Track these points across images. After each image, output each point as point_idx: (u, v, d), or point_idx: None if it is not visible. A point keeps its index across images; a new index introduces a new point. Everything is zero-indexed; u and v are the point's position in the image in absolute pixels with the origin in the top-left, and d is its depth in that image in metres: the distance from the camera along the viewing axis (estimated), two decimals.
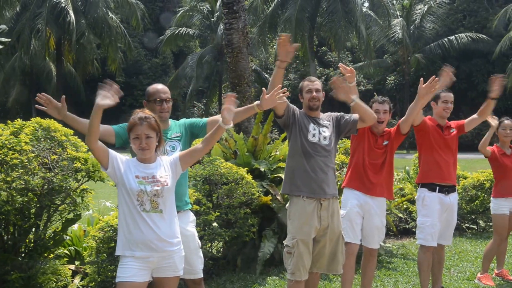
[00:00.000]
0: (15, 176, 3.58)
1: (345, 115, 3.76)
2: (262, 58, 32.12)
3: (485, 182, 7.37)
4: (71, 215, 4.14)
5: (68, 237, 4.93)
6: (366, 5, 30.55)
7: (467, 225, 7.67)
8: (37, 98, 3.01)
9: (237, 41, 8.10)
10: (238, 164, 5.51)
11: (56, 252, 4.37)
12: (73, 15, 24.08)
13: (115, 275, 2.86)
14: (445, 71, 3.94)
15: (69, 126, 3.32)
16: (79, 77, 29.17)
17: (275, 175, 5.66)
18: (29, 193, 3.71)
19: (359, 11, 24.93)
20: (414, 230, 4.53)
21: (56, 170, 3.80)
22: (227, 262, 5.36)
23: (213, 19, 28.96)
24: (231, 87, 8.42)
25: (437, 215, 4.29)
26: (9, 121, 4.00)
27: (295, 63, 33.54)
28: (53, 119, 3.64)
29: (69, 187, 3.84)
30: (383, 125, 4.20)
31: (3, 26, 15.83)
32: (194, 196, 4.68)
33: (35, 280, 3.90)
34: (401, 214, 6.94)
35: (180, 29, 28.82)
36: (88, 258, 4.29)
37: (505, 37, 24.96)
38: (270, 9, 26.10)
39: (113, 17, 27.02)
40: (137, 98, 32.04)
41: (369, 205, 4.12)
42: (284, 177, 3.72)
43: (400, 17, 31.37)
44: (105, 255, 4.11)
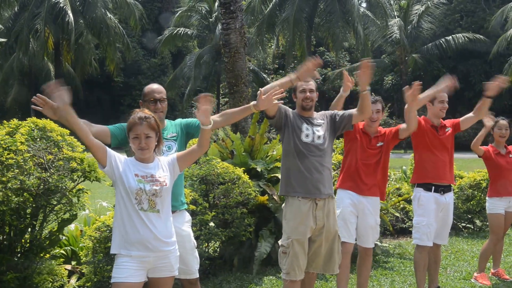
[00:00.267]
0: (11, 176, 3.57)
1: (339, 112, 3.76)
2: (260, 58, 32.13)
3: (481, 181, 7.38)
4: (67, 215, 4.13)
5: (64, 237, 4.93)
6: (364, 5, 30.58)
7: (464, 225, 7.68)
8: (33, 99, 3.02)
9: (235, 41, 8.11)
10: (235, 164, 5.51)
11: (52, 252, 4.37)
12: (71, 15, 24.06)
13: (111, 275, 2.86)
14: (448, 80, 4.07)
15: (65, 126, 3.33)
16: (77, 77, 29.14)
17: (272, 175, 5.66)
18: (24, 193, 3.70)
19: (356, 12, 24.94)
20: (410, 229, 4.53)
21: (52, 170, 3.80)
22: (223, 262, 5.36)
23: (211, 20, 28.92)
24: (228, 87, 8.43)
25: (433, 215, 4.30)
26: (5, 121, 3.99)
27: (293, 63, 33.51)
28: (49, 119, 3.63)
29: (65, 187, 3.83)
30: (376, 124, 4.21)
31: None
32: (190, 196, 4.67)
33: (31, 280, 3.90)
34: (398, 213, 6.95)
35: (178, 29, 28.78)
36: (84, 258, 4.29)
37: (502, 37, 24.98)
38: (268, 9, 26.10)
39: (112, 17, 27.00)
40: (136, 98, 32.05)
41: (363, 204, 4.13)
42: (280, 178, 3.72)
43: (397, 17, 31.40)
44: (101, 255, 4.11)
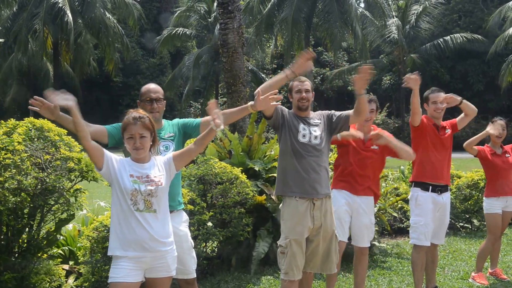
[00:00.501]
0: (8, 176, 3.56)
1: (336, 112, 3.76)
2: (258, 58, 32.14)
3: (479, 181, 7.39)
4: (65, 215, 4.12)
5: (62, 237, 4.93)
6: (362, 5, 30.60)
7: (461, 224, 7.69)
8: (31, 101, 3.04)
9: (232, 41, 8.11)
10: (232, 163, 5.51)
11: (50, 252, 4.35)
12: (70, 15, 24.06)
13: (109, 275, 2.86)
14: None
15: (63, 126, 3.33)
16: (76, 77, 29.13)
17: (270, 175, 5.66)
18: (22, 193, 3.69)
19: (354, 12, 24.96)
20: (408, 229, 4.54)
21: (49, 170, 3.79)
22: (221, 261, 5.36)
23: (210, 20, 28.89)
24: (226, 87, 8.43)
25: (430, 215, 4.30)
26: (2, 121, 3.98)
27: (291, 63, 33.48)
28: (47, 119, 3.63)
29: (62, 187, 3.82)
30: (369, 123, 4.23)
31: None
32: (188, 195, 4.67)
33: (28, 280, 3.88)
34: (396, 213, 6.96)
35: (177, 29, 28.76)
36: (82, 258, 4.29)
37: (500, 37, 25.01)
38: (266, 9, 26.10)
39: (110, 17, 26.99)
40: (134, 98, 31.91)
41: (357, 204, 4.15)
42: (276, 178, 3.72)
43: (395, 17, 31.43)
44: (99, 255, 4.10)
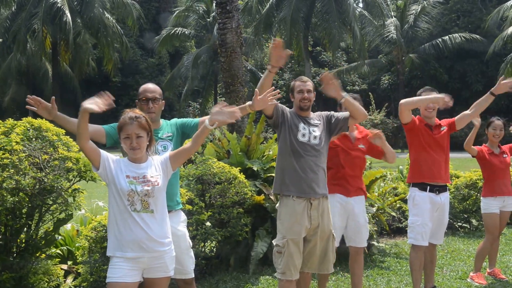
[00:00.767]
0: (6, 176, 3.56)
1: (335, 114, 3.77)
2: (257, 58, 32.15)
3: (477, 181, 7.39)
4: (63, 215, 4.11)
5: (60, 237, 4.92)
6: (360, 5, 30.63)
7: (460, 224, 7.69)
8: (28, 100, 3.03)
9: (231, 40, 8.11)
10: (231, 163, 5.51)
11: (48, 252, 4.36)
12: (69, 15, 24.06)
13: (106, 275, 2.86)
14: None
15: (61, 126, 3.33)
16: (75, 77, 29.13)
17: (268, 175, 5.66)
18: (20, 193, 3.69)
19: (351, 11, 24.99)
20: (407, 229, 4.54)
21: (47, 170, 3.79)
22: (220, 261, 5.36)
23: (209, 19, 28.91)
24: (225, 87, 8.43)
25: (428, 215, 4.30)
26: (0, 121, 3.98)
27: (290, 63, 33.56)
28: (45, 119, 3.63)
29: (60, 187, 3.82)
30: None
31: None
32: (186, 195, 4.68)
33: (26, 280, 3.89)
34: (394, 213, 6.96)
35: (176, 29, 28.78)
36: (80, 258, 4.29)
37: (499, 37, 25.03)
38: (265, 9, 26.12)
39: (109, 17, 26.97)
40: (133, 98, 31.75)
41: (350, 205, 4.18)
42: (274, 177, 3.73)
43: (394, 17, 31.47)
44: (97, 255, 4.11)
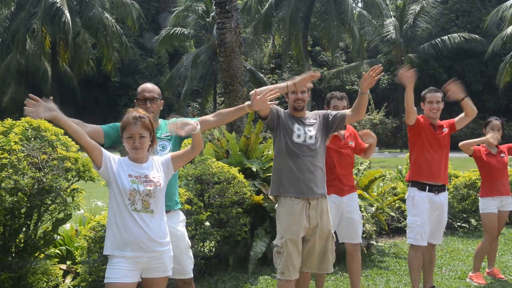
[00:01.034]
0: (5, 175, 3.55)
1: (332, 112, 3.77)
2: (256, 57, 32.13)
3: (476, 181, 7.39)
4: (62, 215, 4.11)
5: (59, 237, 4.92)
6: (360, 5, 30.64)
7: (459, 224, 7.69)
8: (26, 102, 3.03)
9: (230, 40, 8.10)
10: (230, 163, 5.51)
11: (47, 252, 4.35)
12: (68, 15, 24.06)
13: (105, 275, 2.85)
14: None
15: (59, 126, 3.32)
16: (74, 77, 29.10)
17: (267, 175, 5.65)
18: (19, 193, 3.69)
19: (350, 11, 25.00)
20: (406, 229, 4.54)
21: (46, 169, 3.78)
22: (219, 261, 5.36)
23: (208, 19, 28.91)
24: (224, 87, 8.42)
25: (427, 214, 4.30)
26: None
27: (289, 63, 33.57)
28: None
29: (59, 187, 3.81)
30: None
31: None
32: (185, 195, 4.67)
33: (25, 280, 3.88)
34: (393, 213, 6.95)
35: (175, 29, 28.77)
36: (79, 258, 4.29)
37: (498, 36, 25.06)
38: (264, 9, 26.12)
39: (109, 17, 26.96)
40: (132, 98, 31.64)
41: (344, 203, 4.21)
42: (271, 178, 3.72)
43: (393, 17, 31.48)
44: (96, 255, 4.11)
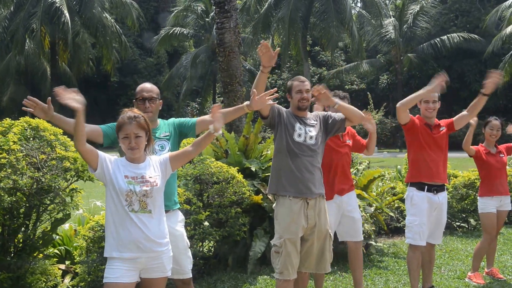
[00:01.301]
0: (3, 175, 3.56)
1: (332, 114, 3.76)
2: (255, 57, 32.14)
3: (475, 180, 7.39)
4: (60, 215, 4.12)
5: (58, 237, 4.92)
6: (359, 5, 30.67)
7: (458, 224, 7.70)
8: (24, 102, 3.03)
9: (229, 40, 8.09)
10: (229, 163, 5.50)
11: (45, 252, 4.35)
12: (67, 14, 24.02)
13: (104, 275, 2.85)
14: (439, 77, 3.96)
15: (58, 126, 3.32)
16: (74, 76, 29.04)
17: (266, 174, 5.65)
18: (17, 193, 3.70)
19: (349, 11, 25.03)
20: (405, 229, 4.55)
21: (45, 169, 3.79)
22: (218, 261, 5.36)
23: (207, 19, 28.93)
24: (223, 86, 8.42)
25: (426, 214, 4.29)
26: None
27: (288, 63, 33.57)
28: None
29: (58, 187, 3.82)
30: None
31: None
32: (184, 195, 4.67)
33: (24, 280, 3.88)
34: (392, 213, 6.96)
35: (174, 29, 28.78)
36: (78, 257, 4.28)
37: (497, 36, 25.08)
38: (263, 9, 26.13)
39: (108, 16, 26.94)
40: (131, 97, 31.80)
41: (344, 203, 4.22)
42: (270, 176, 3.72)
43: (393, 17, 31.50)
44: (95, 255, 4.11)
